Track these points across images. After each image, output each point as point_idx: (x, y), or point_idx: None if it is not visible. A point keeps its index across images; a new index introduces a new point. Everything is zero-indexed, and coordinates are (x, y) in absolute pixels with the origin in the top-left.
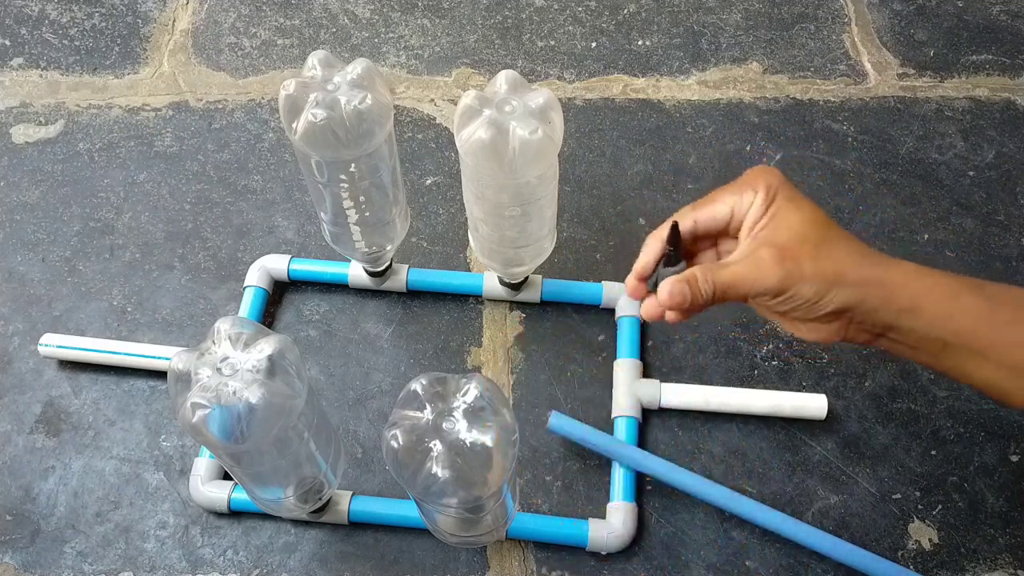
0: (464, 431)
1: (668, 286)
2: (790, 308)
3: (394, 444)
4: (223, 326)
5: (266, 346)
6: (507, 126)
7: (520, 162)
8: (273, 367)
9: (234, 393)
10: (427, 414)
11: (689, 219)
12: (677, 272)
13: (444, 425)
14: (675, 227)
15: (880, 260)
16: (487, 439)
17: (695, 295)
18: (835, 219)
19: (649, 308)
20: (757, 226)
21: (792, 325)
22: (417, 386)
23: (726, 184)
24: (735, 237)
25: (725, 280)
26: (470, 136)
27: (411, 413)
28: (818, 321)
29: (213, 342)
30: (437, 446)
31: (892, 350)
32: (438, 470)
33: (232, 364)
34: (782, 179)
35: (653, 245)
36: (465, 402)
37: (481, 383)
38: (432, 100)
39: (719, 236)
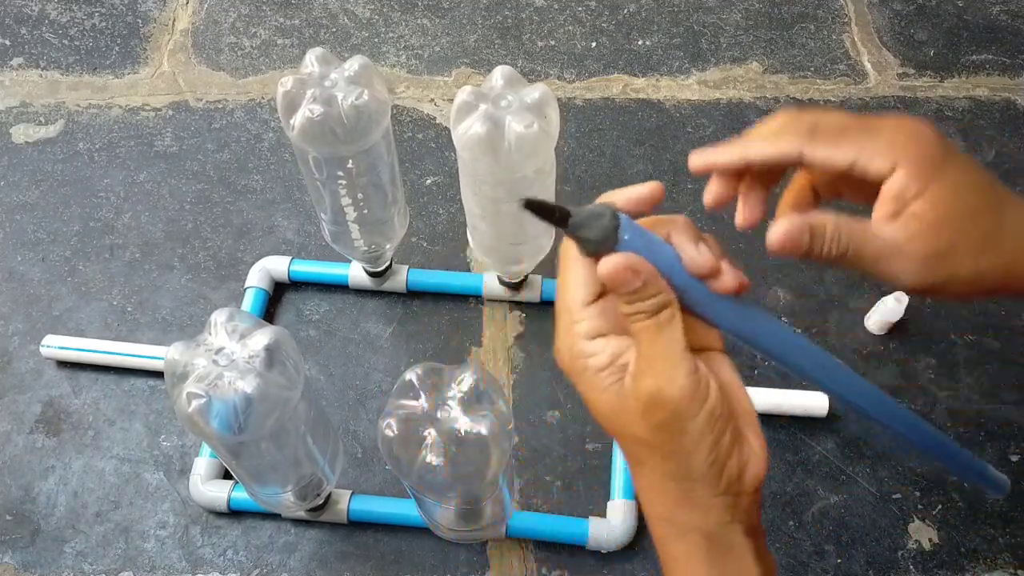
0: (459, 420)
1: (785, 225)
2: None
3: (389, 433)
4: (219, 318)
5: (262, 337)
6: (503, 120)
7: (516, 156)
8: (269, 358)
9: (230, 384)
10: (422, 403)
11: (796, 147)
12: None
13: (439, 414)
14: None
15: None
16: (482, 428)
17: (813, 249)
18: None
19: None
20: (909, 207)
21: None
22: (412, 376)
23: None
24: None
25: (868, 253)
26: (466, 131)
27: (406, 403)
28: None
29: (210, 334)
30: (432, 435)
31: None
32: (433, 459)
33: (228, 355)
34: (937, 145)
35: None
36: (460, 391)
37: (476, 372)
38: (432, 100)
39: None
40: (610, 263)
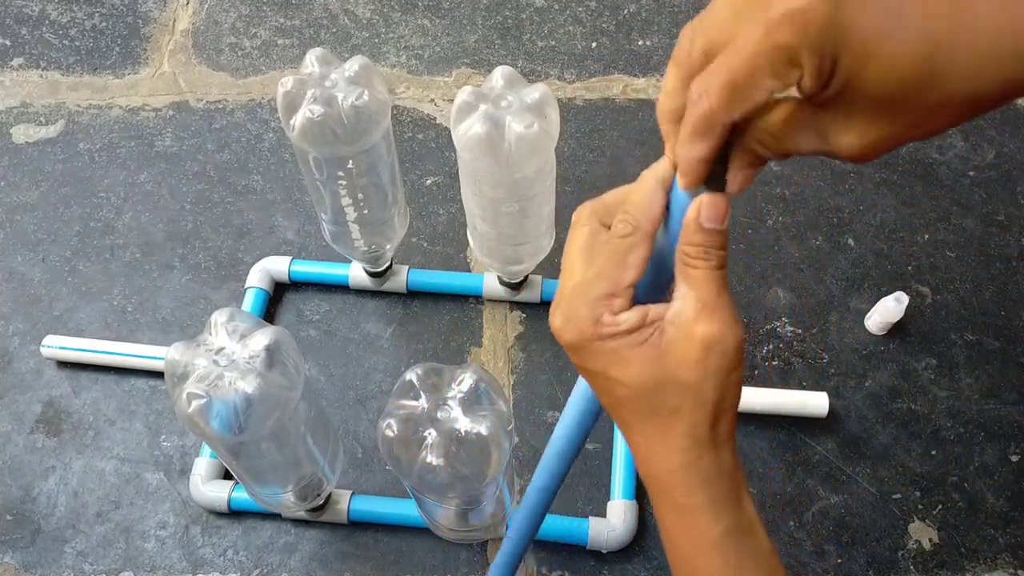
0: (459, 420)
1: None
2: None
3: (389, 433)
4: (220, 318)
5: (262, 337)
6: (503, 121)
7: (516, 156)
8: (270, 358)
9: (230, 384)
10: (422, 403)
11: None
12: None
13: (439, 414)
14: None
15: None
16: (482, 428)
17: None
18: (835, 219)
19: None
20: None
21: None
22: (412, 376)
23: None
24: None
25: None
26: (466, 131)
27: (406, 403)
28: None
29: (210, 334)
30: (432, 435)
31: None
32: (433, 459)
33: (228, 355)
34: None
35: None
36: (460, 391)
37: (476, 372)
38: (432, 100)
39: None
40: (722, 198)
